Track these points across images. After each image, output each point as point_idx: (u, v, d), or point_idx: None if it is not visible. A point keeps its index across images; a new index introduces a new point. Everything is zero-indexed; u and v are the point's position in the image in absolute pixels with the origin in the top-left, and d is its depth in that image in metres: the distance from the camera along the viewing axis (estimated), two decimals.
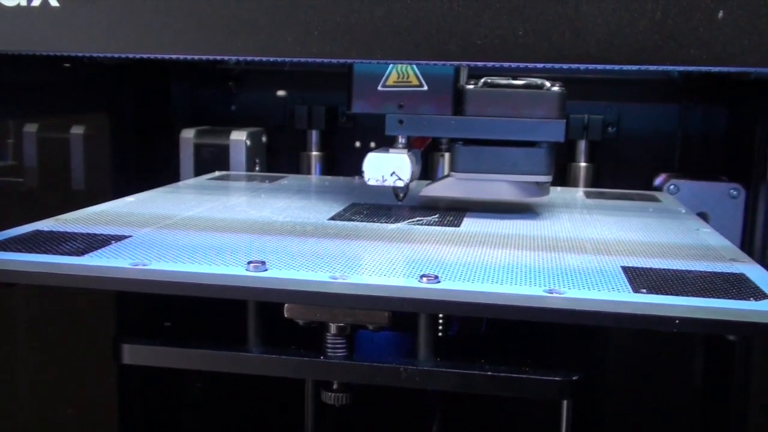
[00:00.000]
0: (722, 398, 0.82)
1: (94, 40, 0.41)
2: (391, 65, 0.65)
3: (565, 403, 0.62)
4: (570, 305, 0.44)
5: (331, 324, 0.50)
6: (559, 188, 0.89)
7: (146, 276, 0.49)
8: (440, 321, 0.58)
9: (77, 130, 1.00)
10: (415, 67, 0.65)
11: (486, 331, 0.56)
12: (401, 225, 0.64)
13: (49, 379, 0.99)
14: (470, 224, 0.66)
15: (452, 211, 0.71)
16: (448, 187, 0.68)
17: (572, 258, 0.54)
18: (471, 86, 0.66)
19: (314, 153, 1.00)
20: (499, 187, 0.67)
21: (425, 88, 0.66)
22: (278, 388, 0.89)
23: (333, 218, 0.67)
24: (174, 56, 0.42)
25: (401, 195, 0.70)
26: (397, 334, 0.56)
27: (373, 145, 1.00)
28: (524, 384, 0.47)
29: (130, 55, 0.42)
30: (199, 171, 0.97)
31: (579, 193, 0.87)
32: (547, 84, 0.66)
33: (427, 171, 0.98)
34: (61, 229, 0.59)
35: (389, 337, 0.56)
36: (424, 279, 0.47)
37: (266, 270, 0.48)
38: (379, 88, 0.66)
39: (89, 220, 0.63)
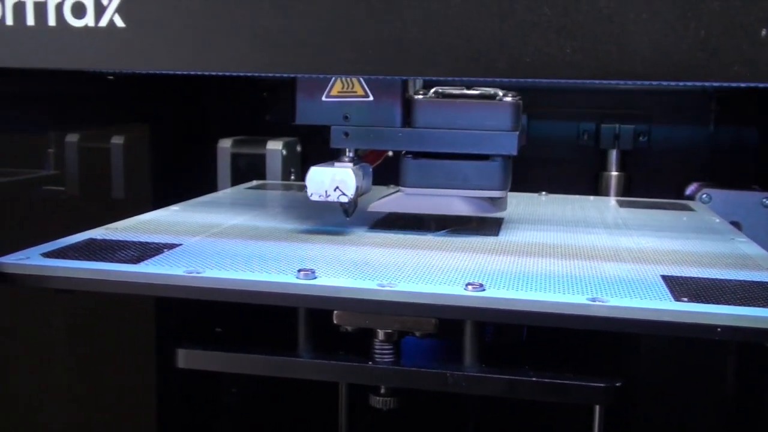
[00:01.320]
0: (756, 406, 0.82)
1: (158, 59, 0.43)
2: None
3: (597, 408, 0.64)
4: (614, 313, 0.46)
5: (379, 330, 0.51)
6: (591, 197, 0.90)
7: (201, 283, 0.51)
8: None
9: (117, 140, 1.03)
10: None
11: (526, 339, 0.57)
12: (440, 234, 0.66)
13: (91, 383, 1.01)
14: (507, 233, 0.67)
15: (489, 220, 0.72)
16: (397, 202, 0.65)
17: (611, 267, 0.56)
18: (420, 96, 0.63)
19: None
20: (451, 202, 0.64)
21: (371, 98, 0.62)
22: (313, 393, 0.91)
23: (373, 227, 0.68)
24: (234, 74, 0.44)
25: (349, 211, 0.66)
26: (437, 341, 0.57)
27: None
28: (568, 390, 0.49)
29: (192, 73, 0.45)
30: (235, 180, 0.99)
31: (612, 202, 0.88)
32: (500, 94, 0.63)
33: None
34: (113, 238, 0.61)
35: (429, 344, 0.57)
36: (470, 287, 0.48)
37: (316, 278, 0.50)
38: (324, 98, 0.63)
39: (139, 229, 0.65)
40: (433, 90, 0.64)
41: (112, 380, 1.01)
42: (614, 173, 0.96)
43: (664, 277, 0.52)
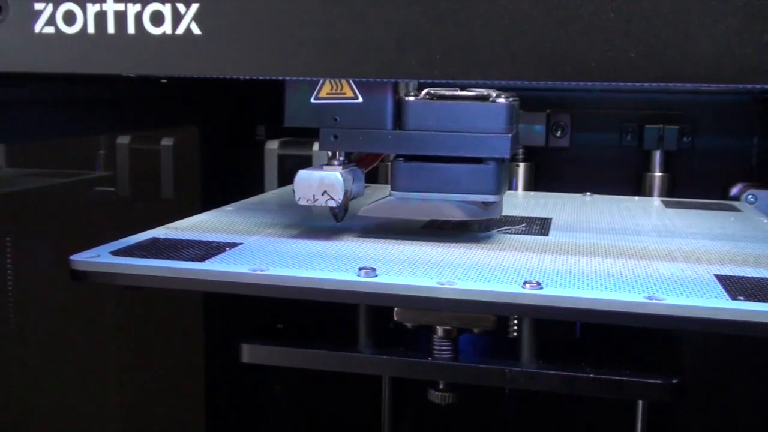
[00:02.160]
0: None
1: (233, 65, 0.44)
2: None
3: (640, 404, 0.64)
4: (671, 311, 0.47)
5: (438, 327, 0.53)
6: (636, 198, 0.91)
7: (266, 281, 0.52)
8: (515, 324, 0.60)
9: (167, 141, 1.05)
10: None
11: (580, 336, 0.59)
12: (491, 233, 0.67)
13: (141, 378, 1.04)
14: (557, 234, 0.68)
15: (536, 221, 0.73)
16: (387, 207, 0.63)
17: (664, 266, 0.56)
18: (411, 98, 0.61)
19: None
20: (443, 207, 0.62)
21: (360, 100, 0.61)
22: (355, 390, 0.92)
23: (425, 227, 0.70)
24: (306, 78, 0.46)
25: (339, 216, 0.65)
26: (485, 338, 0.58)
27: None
28: (625, 386, 0.50)
29: (262, 78, 0.46)
30: (282, 181, 1.01)
31: (657, 202, 0.89)
32: (493, 95, 0.61)
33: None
34: (176, 237, 0.63)
35: (476, 340, 0.59)
36: (527, 285, 0.50)
37: (376, 276, 0.52)
38: (312, 100, 0.61)
39: (198, 229, 0.67)
40: (425, 91, 0.62)
41: (161, 374, 1.04)
42: (658, 174, 0.97)
43: (718, 277, 0.53)
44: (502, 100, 0.60)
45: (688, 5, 0.39)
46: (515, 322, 0.59)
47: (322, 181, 0.61)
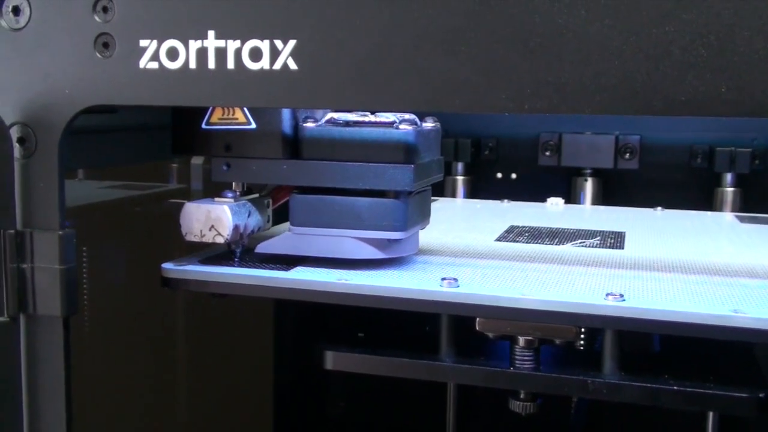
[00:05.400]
0: None
1: (326, 98, 0.47)
2: None
3: (710, 416, 0.64)
4: (759, 325, 0.47)
5: (519, 337, 0.54)
6: (709, 213, 0.90)
7: (351, 290, 0.54)
8: (582, 335, 0.60)
9: None
10: None
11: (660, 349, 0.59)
12: (567, 247, 0.68)
13: (210, 384, 1.07)
14: (633, 246, 0.68)
15: (611, 235, 0.73)
16: (285, 243, 0.59)
17: (746, 281, 0.56)
18: (309, 124, 0.57)
19: (459, 177, 1.04)
20: (344, 244, 0.57)
21: (253, 126, 0.56)
22: (420, 407, 0.94)
23: (499, 239, 0.71)
24: (394, 111, 0.48)
25: (237, 252, 0.60)
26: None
27: (513, 176, 1.04)
28: (710, 399, 0.50)
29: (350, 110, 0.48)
30: None
31: (730, 217, 0.88)
32: (398, 121, 0.56)
33: (570, 196, 1.00)
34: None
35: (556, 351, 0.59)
36: (610, 297, 0.50)
37: (458, 286, 0.53)
38: (203, 126, 0.58)
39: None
40: (328, 116, 0.57)
41: (229, 380, 1.07)
42: (729, 189, 0.95)
43: None
44: (406, 126, 0.55)
45: None
46: (582, 333, 0.60)
47: (209, 215, 0.56)
